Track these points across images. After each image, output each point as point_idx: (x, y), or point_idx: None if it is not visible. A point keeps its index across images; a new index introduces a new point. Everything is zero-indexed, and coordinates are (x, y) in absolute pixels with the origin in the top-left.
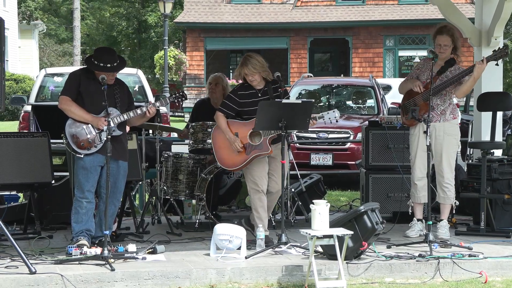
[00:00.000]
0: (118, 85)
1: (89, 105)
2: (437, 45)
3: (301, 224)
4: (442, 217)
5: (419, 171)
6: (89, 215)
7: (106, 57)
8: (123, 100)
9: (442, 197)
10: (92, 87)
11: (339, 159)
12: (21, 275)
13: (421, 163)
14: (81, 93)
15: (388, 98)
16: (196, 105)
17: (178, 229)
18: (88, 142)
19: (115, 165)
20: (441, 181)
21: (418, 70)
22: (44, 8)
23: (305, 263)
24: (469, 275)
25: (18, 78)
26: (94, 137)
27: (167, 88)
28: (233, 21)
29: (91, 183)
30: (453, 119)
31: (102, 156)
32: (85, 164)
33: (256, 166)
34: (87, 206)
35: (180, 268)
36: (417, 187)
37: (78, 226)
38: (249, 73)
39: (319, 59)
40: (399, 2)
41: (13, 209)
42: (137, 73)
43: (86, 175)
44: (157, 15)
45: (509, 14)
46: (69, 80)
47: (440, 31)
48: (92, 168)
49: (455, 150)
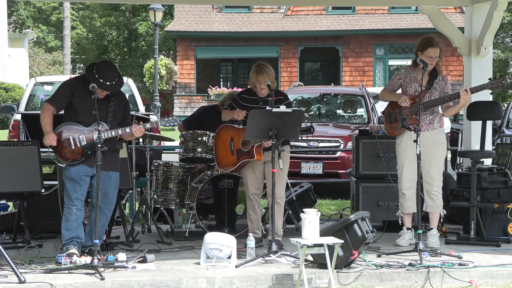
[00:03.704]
0: (116, 97)
1: (82, 116)
2: (428, 57)
3: (292, 233)
4: (432, 226)
5: (407, 181)
6: (78, 222)
7: (107, 73)
8: (117, 113)
9: (431, 205)
10: (87, 98)
11: (329, 168)
12: (11, 284)
13: (409, 173)
14: (73, 104)
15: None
16: (204, 110)
17: (168, 238)
18: (71, 154)
19: (105, 176)
20: (430, 190)
21: (400, 80)
22: (34, 16)
23: (295, 272)
24: (459, 284)
25: (8, 87)
26: (79, 150)
27: (157, 97)
28: (223, 30)
29: (79, 192)
30: (440, 127)
31: (88, 167)
32: (71, 174)
33: (248, 171)
34: (77, 213)
35: (170, 277)
36: (405, 197)
37: (68, 233)
38: (263, 81)
39: (309, 68)
40: (389, 11)
41: (2, 218)
42: (127, 81)
43: (73, 185)
44: (147, 24)
45: (499, 24)
46: (60, 89)
47: (432, 44)
48: (78, 178)
49: (443, 158)
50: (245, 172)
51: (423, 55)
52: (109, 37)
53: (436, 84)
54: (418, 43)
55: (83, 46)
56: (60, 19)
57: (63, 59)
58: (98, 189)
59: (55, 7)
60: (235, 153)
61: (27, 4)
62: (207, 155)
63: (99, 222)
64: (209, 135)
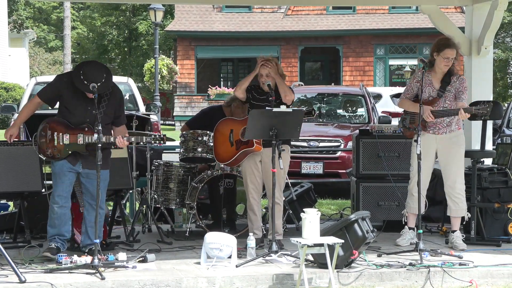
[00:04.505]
0: (110, 96)
1: (71, 114)
2: (444, 58)
3: (292, 233)
4: (454, 228)
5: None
6: (62, 219)
7: (92, 75)
8: (108, 113)
9: (454, 209)
10: (76, 96)
11: (329, 167)
12: (11, 284)
13: (423, 175)
14: (64, 101)
15: (379, 107)
16: (208, 111)
17: (169, 238)
18: (52, 149)
19: (92, 174)
20: (452, 193)
21: (418, 83)
22: (35, 16)
23: (295, 272)
24: (460, 284)
25: (8, 87)
26: (61, 147)
27: (157, 96)
28: (224, 29)
29: (61, 188)
30: (458, 129)
31: (71, 165)
32: (55, 168)
33: (248, 171)
34: (58, 211)
35: (171, 276)
36: (414, 198)
37: (51, 230)
38: (264, 74)
39: (310, 67)
40: (390, 11)
41: (3, 217)
42: (128, 81)
43: (55, 180)
44: (147, 23)
45: (499, 24)
46: (51, 84)
47: (449, 45)
48: (61, 173)
49: (463, 160)
50: (244, 172)
51: (439, 55)
52: (110, 37)
53: (450, 86)
54: (434, 44)
55: (83, 46)
56: (61, 19)
57: (64, 58)
58: (98, 189)
59: (55, 6)
60: (235, 144)
61: (27, 5)
62: (207, 154)
63: (92, 219)
64: (209, 135)
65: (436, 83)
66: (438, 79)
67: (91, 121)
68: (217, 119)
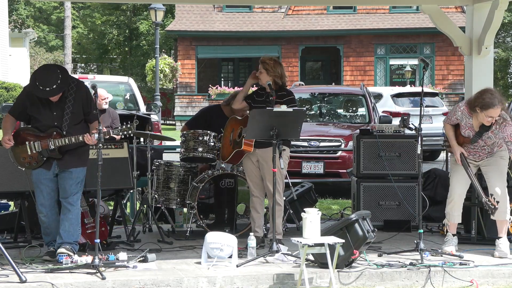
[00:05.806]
0: (74, 95)
1: (38, 121)
2: (488, 117)
3: (293, 233)
4: (500, 235)
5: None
6: (52, 227)
7: (44, 78)
8: (75, 113)
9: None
10: (44, 101)
11: (330, 167)
12: (12, 283)
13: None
14: (30, 110)
15: (379, 107)
16: (206, 110)
17: (169, 238)
18: (28, 159)
19: (66, 173)
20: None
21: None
22: (35, 16)
23: (296, 272)
24: (460, 284)
25: (9, 86)
26: (35, 155)
27: (158, 96)
28: (224, 29)
29: (41, 197)
30: (500, 149)
31: (47, 171)
32: (33, 178)
33: (248, 171)
34: (45, 220)
35: (171, 276)
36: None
37: (46, 238)
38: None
39: (310, 67)
40: (390, 10)
41: (3, 217)
42: (128, 81)
43: (35, 190)
44: (148, 23)
45: (500, 23)
46: (17, 98)
47: (494, 104)
48: (38, 182)
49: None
50: (245, 171)
51: (482, 112)
52: (110, 36)
53: (491, 133)
54: (478, 97)
55: (84, 46)
56: (61, 19)
57: (64, 58)
58: (98, 189)
59: (56, 6)
60: (232, 143)
61: (27, 5)
62: (208, 154)
63: (67, 218)
64: (210, 135)
65: (476, 126)
66: (478, 123)
67: (59, 125)
68: (216, 118)
